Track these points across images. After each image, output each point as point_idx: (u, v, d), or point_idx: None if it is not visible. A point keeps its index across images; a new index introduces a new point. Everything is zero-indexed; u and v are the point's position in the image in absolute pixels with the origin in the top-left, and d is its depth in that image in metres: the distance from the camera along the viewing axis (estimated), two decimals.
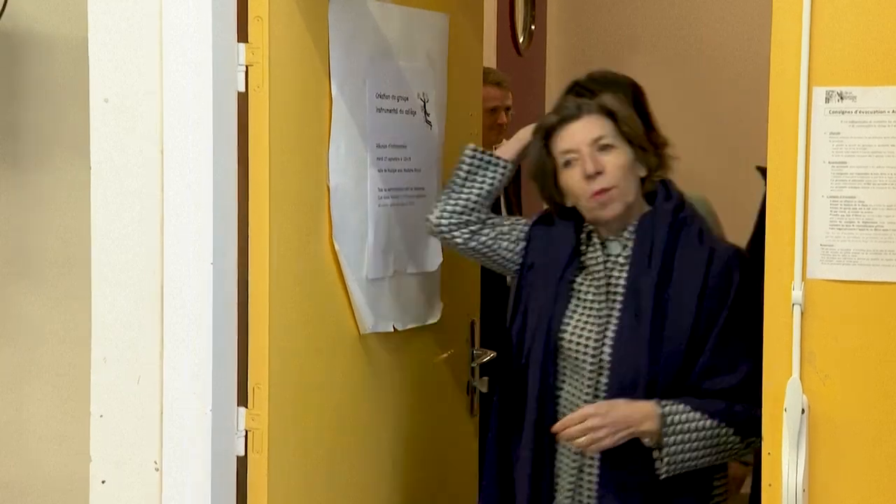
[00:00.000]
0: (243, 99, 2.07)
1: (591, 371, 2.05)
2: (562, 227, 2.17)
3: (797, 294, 1.74)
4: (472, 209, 2.21)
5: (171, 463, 1.99)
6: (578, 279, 2.13)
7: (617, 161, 2.06)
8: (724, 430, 2.00)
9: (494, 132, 3.33)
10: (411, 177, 2.47)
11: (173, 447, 1.99)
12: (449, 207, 2.22)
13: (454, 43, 2.61)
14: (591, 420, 1.97)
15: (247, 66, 2.06)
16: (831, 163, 1.74)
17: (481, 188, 2.22)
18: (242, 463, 2.09)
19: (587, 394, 2.06)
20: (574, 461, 2.09)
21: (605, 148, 2.06)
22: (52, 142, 2.14)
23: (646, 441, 2.00)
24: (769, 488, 1.76)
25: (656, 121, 2.44)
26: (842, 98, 1.73)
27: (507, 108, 3.45)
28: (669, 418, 1.97)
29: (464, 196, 2.21)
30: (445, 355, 2.66)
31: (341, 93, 2.25)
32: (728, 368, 2.01)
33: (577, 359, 2.08)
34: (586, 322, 2.09)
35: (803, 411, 1.74)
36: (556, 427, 2.02)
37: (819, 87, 1.73)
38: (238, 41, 2.06)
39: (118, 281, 2.02)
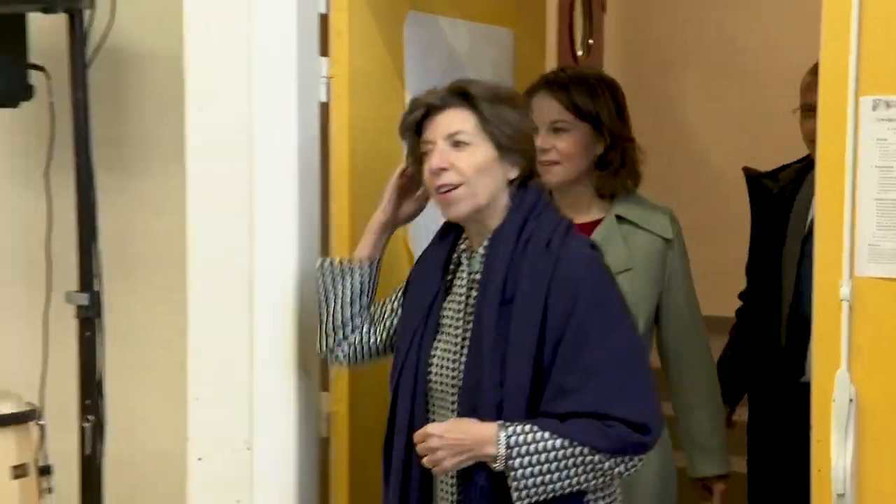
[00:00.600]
0: (325, 108, 2.21)
1: (452, 402, 1.88)
2: (435, 251, 1.97)
3: (845, 291, 1.82)
4: (344, 323, 2.01)
5: (260, 443, 2.12)
6: (446, 304, 1.93)
7: (469, 158, 1.86)
8: (578, 450, 1.77)
9: None
10: None
11: (263, 429, 2.12)
12: (322, 332, 2.04)
13: (518, 56, 2.73)
14: (430, 441, 1.82)
15: (328, 78, 2.20)
16: (878, 167, 1.81)
17: (343, 299, 2.01)
18: (325, 444, 2.22)
19: None
20: (451, 493, 1.88)
21: (460, 144, 1.87)
22: (153, 149, 2.29)
23: (494, 466, 1.79)
24: (819, 474, 1.84)
25: (629, 117, 2.39)
26: (888, 106, 1.80)
27: None
28: (513, 439, 1.77)
29: (329, 315, 2.02)
30: None
31: None
32: (577, 387, 1.78)
33: (441, 391, 1.90)
34: (446, 351, 1.90)
35: (851, 401, 1.81)
36: None
37: (866, 97, 1.80)
38: (321, 55, 2.20)
39: (213, 279, 2.15)
